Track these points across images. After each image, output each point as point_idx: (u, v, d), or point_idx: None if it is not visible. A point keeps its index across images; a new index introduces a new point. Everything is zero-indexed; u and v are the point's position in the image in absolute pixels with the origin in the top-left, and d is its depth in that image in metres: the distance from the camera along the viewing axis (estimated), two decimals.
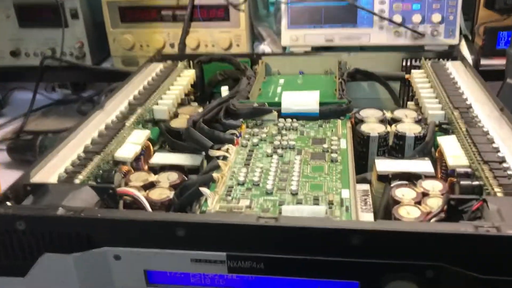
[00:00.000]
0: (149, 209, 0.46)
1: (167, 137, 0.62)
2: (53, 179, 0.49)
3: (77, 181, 0.48)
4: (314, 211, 0.41)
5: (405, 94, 0.81)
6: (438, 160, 0.55)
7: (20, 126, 1.10)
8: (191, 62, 0.82)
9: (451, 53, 0.78)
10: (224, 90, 0.76)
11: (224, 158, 0.53)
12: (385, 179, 0.51)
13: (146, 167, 0.58)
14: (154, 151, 0.61)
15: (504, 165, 0.47)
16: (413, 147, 0.58)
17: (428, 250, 0.38)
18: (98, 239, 0.41)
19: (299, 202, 0.46)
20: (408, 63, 0.80)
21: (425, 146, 0.56)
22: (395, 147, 0.59)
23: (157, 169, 0.55)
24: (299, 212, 0.41)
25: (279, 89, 0.76)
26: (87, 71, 1.06)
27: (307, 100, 0.63)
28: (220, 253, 0.40)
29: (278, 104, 0.64)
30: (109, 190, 0.46)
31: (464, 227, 0.37)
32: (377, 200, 0.51)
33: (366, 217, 0.47)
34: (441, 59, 0.76)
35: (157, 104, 0.67)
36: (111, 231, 0.41)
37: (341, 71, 0.78)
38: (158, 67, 0.79)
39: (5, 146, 0.97)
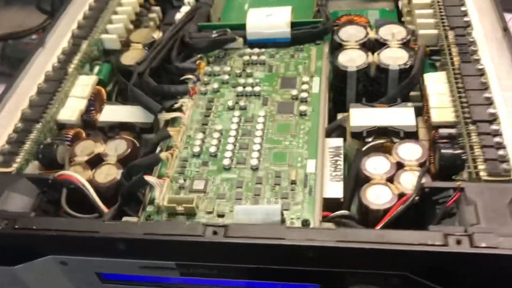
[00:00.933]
0: (95, 197, 0.42)
1: (119, 78, 0.54)
2: None
3: (14, 165, 0.44)
4: (268, 212, 0.36)
5: None
6: (425, 99, 0.48)
7: None
8: None
9: None
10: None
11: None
12: (359, 136, 0.45)
13: (97, 116, 0.52)
14: (107, 94, 0.55)
15: (494, 126, 0.40)
16: (398, 81, 0.50)
17: (391, 261, 0.34)
18: (39, 249, 0.39)
19: (259, 182, 0.41)
20: None
21: (410, 81, 0.49)
22: (377, 80, 0.51)
23: (105, 129, 0.49)
24: (253, 214, 0.37)
25: None
26: None
27: (276, 22, 0.53)
28: (168, 262, 0.37)
29: (244, 26, 0.54)
30: (48, 181, 0.42)
31: (431, 238, 0.33)
32: (349, 157, 0.46)
33: (334, 190, 0.43)
34: None
35: (106, 31, 0.58)
36: (51, 242, 0.38)
37: None
38: None
39: None
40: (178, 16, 0.62)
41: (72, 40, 0.56)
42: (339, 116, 0.51)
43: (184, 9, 0.63)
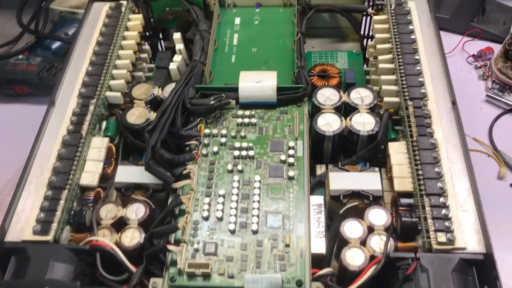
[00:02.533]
0: (124, 260, 0.51)
1: (126, 135, 0.62)
2: (27, 232, 0.52)
3: (51, 233, 0.52)
4: (271, 281, 0.47)
5: (366, 27, 0.78)
6: (388, 166, 0.59)
7: None
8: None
9: None
10: (177, 40, 0.72)
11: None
12: (337, 198, 0.56)
13: (111, 169, 0.60)
14: (116, 149, 0.62)
15: (442, 200, 0.52)
16: (366, 143, 0.60)
17: None
18: None
19: (259, 245, 0.52)
20: None
21: (376, 145, 0.59)
22: (350, 139, 0.61)
23: (122, 190, 0.58)
24: (259, 282, 0.47)
25: (235, 39, 0.72)
26: None
27: (264, 88, 0.62)
28: None
29: (236, 89, 0.62)
30: (85, 250, 0.51)
31: None
32: (330, 212, 0.57)
33: (318, 245, 0.54)
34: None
35: (109, 88, 0.65)
36: None
37: (300, 5, 0.73)
38: (101, 12, 0.72)
39: None
40: (172, 66, 0.69)
41: (81, 100, 0.62)
42: (318, 168, 0.62)
43: (177, 58, 0.70)
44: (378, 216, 0.53)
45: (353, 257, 0.51)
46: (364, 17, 0.77)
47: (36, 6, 0.98)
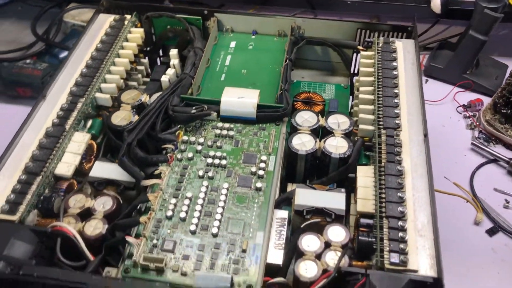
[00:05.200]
0: (84, 247, 0.52)
1: (109, 135, 0.64)
2: None
3: (18, 214, 0.53)
4: (220, 280, 0.48)
5: (356, 62, 0.81)
6: (356, 187, 0.60)
7: None
8: (140, 16, 0.79)
9: (407, 29, 0.76)
10: (173, 56, 0.76)
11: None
12: (301, 213, 0.57)
13: (88, 166, 0.62)
14: (97, 146, 0.65)
15: (401, 223, 0.52)
16: (338, 165, 0.62)
17: None
18: None
19: (217, 247, 0.52)
20: (363, 34, 0.78)
21: (347, 169, 0.61)
22: (322, 161, 0.63)
23: (95, 184, 0.60)
24: (209, 279, 0.48)
25: (228, 60, 0.76)
26: None
27: (245, 104, 0.64)
28: None
29: (219, 102, 0.65)
30: (46, 232, 0.52)
31: None
32: (294, 228, 0.58)
33: (276, 256, 0.54)
34: (394, 37, 0.75)
35: (100, 90, 0.68)
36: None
37: (293, 36, 0.77)
38: (106, 22, 0.77)
39: None
40: (164, 78, 0.72)
41: (70, 97, 0.65)
42: (289, 186, 0.63)
43: (170, 71, 0.74)
44: (337, 233, 0.54)
45: (306, 269, 0.51)
46: (355, 54, 0.80)
47: (52, 18, 1.04)
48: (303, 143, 0.63)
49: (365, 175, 0.59)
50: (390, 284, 0.48)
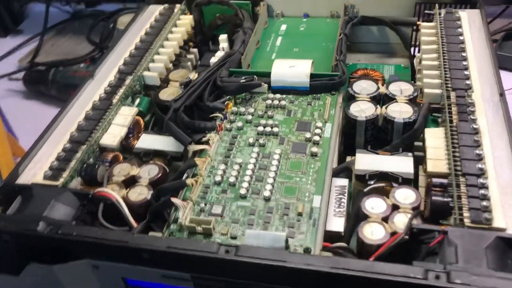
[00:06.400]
0: (127, 212, 0.48)
1: (156, 111, 0.62)
2: (39, 177, 0.51)
3: (61, 179, 0.51)
4: (275, 238, 0.42)
5: (416, 41, 0.75)
6: (424, 151, 0.53)
7: (36, 48, 1.11)
8: (189, 5, 0.78)
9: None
10: (222, 40, 0.73)
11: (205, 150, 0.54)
12: (362, 178, 0.51)
13: (135, 142, 0.59)
14: (145, 124, 0.62)
15: (481, 180, 0.45)
16: (402, 132, 0.56)
17: None
18: (76, 252, 0.45)
19: (269, 211, 0.47)
20: (422, 8, 0.73)
21: (413, 134, 0.54)
22: (384, 129, 0.57)
23: (141, 155, 0.56)
24: (261, 238, 0.42)
25: (278, 41, 0.73)
26: None
27: (298, 73, 0.60)
28: (185, 274, 0.43)
29: (269, 74, 0.61)
30: (88, 195, 0.49)
31: (413, 272, 0.38)
32: (354, 197, 0.52)
33: (336, 224, 0.48)
34: (457, 9, 0.69)
35: (148, 69, 0.66)
36: (87, 248, 0.44)
37: (347, 16, 0.73)
38: (155, 11, 0.76)
39: (21, 77, 1.00)
40: (213, 60, 0.69)
41: (118, 75, 0.64)
42: (348, 159, 0.57)
43: (219, 54, 0.71)
44: (406, 195, 0.47)
45: (372, 232, 0.45)
46: (414, 33, 0.75)
47: (104, 27, 1.06)
48: (362, 110, 0.57)
49: (434, 136, 0.52)
50: (473, 242, 0.40)
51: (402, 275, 0.38)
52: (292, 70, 0.61)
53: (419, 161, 0.54)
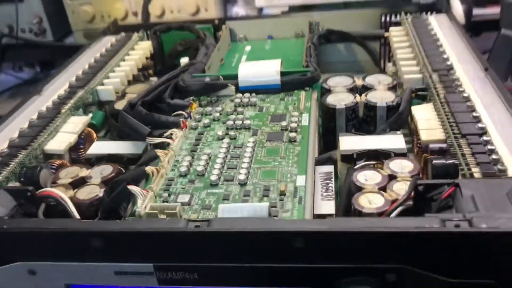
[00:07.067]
0: (74, 211, 0.40)
1: (110, 121, 0.55)
2: None
3: None
4: (255, 209, 0.34)
5: (385, 55, 0.73)
6: (414, 133, 0.48)
7: None
8: (147, 33, 0.74)
9: (435, 5, 0.69)
10: (183, 62, 0.69)
11: (168, 145, 0.47)
12: (349, 159, 0.44)
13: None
14: (98, 139, 0.55)
15: (485, 138, 0.40)
16: (386, 118, 0.51)
17: (386, 251, 0.31)
18: (8, 253, 0.36)
19: (246, 194, 0.40)
20: (388, 19, 0.71)
21: (398, 117, 0.49)
22: (366, 119, 0.52)
23: (93, 160, 0.49)
24: (239, 211, 0.34)
25: (244, 58, 0.69)
26: (49, 48, 0.99)
27: (267, 70, 0.56)
28: (146, 264, 0.34)
29: (236, 76, 0.56)
30: (27, 192, 0.40)
31: (428, 222, 0.31)
32: (340, 184, 0.45)
33: (326, 206, 0.41)
34: (423, 14, 0.68)
35: (102, 84, 0.60)
36: (20, 244, 0.35)
37: (313, 33, 0.70)
38: (110, 41, 0.72)
39: None
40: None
41: (68, 89, 0.57)
42: None
43: (184, 60, 0.66)
44: (402, 165, 0.41)
45: (369, 201, 0.38)
46: (383, 48, 0.73)
47: None
48: (340, 99, 0.52)
49: (423, 110, 0.47)
50: (491, 190, 0.34)
51: (415, 227, 0.31)
52: (261, 68, 0.56)
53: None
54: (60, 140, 0.50)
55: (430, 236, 0.30)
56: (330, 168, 0.45)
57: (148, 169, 0.42)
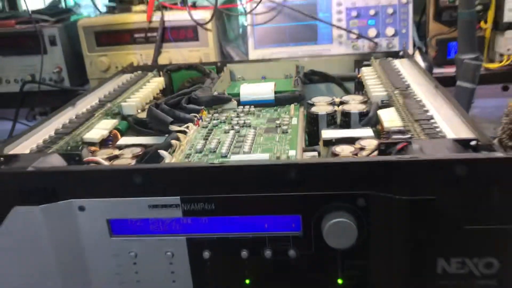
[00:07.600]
0: None
1: (134, 127, 0.67)
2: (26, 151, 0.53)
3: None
4: (259, 157, 0.46)
5: (359, 93, 0.87)
6: (381, 132, 0.60)
7: None
8: (160, 73, 0.88)
9: (398, 53, 0.85)
10: None
11: (185, 133, 0.58)
12: (330, 143, 0.56)
13: None
14: None
15: (432, 121, 0.52)
16: (359, 123, 0.63)
17: (357, 179, 0.42)
18: (62, 191, 0.45)
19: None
20: (360, 64, 0.86)
21: (368, 121, 0.62)
22: (343, 124, 0.64)
23: (122, 148, 0.60)
24: (246, 159, 0.46)
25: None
26: (66, 94, 1.12)
27: (263, 88, 0.69)
28: (174, 197, 0.44)
29: (238, 94, 0.69)
30: (76, 157, 0.51)
31: (388, 158, 0.42)
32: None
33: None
34: (389, 58, 0.83)
35: (125, 101, 0.73)
36: (74, 183, 0.45)
37: (298, 74, 0.85)
38: (129, 76, 0.85)
39: None
40: None
41: (98, 103, 0.69)
42: None
43: None
44: (370, 142, 0.53)
45: (342, 149, 0.50)
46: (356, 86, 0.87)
47: None
48: (322, 109, 0.65)
49: (387, 112, 0.60)
50: (435, 144, 0.46)
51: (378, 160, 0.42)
52: (258, 87, 0.69)
53: None
54: (96, 132, 0.61)
55: (389, 165, 0.42)
56: (314, 153, 0.57)
57: (173, 142, 0.53)
